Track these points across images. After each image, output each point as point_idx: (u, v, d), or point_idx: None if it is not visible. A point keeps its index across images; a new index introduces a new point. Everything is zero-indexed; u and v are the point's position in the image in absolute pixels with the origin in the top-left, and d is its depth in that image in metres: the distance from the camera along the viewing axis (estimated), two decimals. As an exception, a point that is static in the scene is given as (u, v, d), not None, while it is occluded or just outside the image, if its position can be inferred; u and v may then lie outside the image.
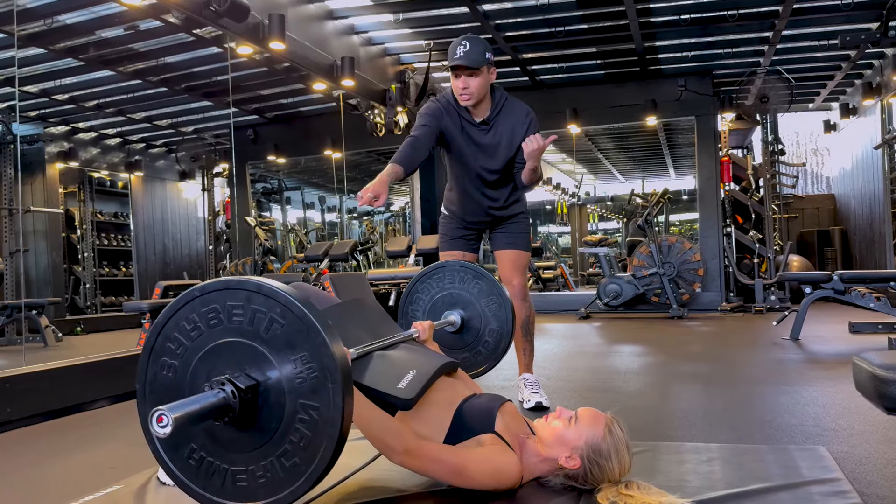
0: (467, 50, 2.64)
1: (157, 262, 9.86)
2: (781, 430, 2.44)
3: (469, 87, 2.69)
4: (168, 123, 8.89)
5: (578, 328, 6.62)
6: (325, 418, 1.29)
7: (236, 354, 1.35)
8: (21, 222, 7.63)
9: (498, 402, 1.83)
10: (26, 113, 7.89)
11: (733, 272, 7.94)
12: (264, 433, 1.32)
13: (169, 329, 1.40)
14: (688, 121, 8.53)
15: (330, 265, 7.12)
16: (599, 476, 1.69)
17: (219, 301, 1.36)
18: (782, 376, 3.60)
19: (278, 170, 11.00)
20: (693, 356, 4.59)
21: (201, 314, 1.37)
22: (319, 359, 1.30)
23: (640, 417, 2.72)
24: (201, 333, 1.38)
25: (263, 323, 1.34)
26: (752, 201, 8.27)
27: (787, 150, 10.08)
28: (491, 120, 2.82)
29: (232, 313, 1.36)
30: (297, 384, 1.31)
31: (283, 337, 1.33)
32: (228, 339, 1.36)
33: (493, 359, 2.62)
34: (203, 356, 1.37)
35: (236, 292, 1.36)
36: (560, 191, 13.20)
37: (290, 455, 1.31)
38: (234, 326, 1.36)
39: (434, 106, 2.84)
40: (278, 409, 1.32)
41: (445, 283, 2.64)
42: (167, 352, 1.40)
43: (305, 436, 1.30)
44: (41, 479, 2.26)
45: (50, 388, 3.09)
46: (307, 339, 1.31)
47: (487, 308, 2.60)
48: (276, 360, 1.33)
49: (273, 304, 1.33)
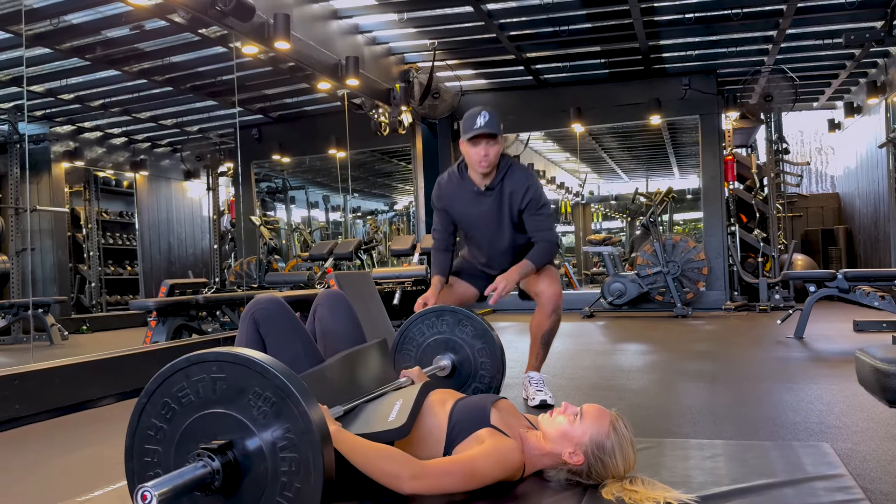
0: (488, 120, 2.79)
1: (162, 260, 9.89)
2: (785, 427, 2.45)
3: (489, 154, 2.82)
4: (173, 123, 8.92)
5: (583, 327, 6.63)
6: (300, 431, 1.31)
7: (202, 428, 1.37)
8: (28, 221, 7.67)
9: (491, 398, 1.85)
10: (32, 112, 7.92)
11: (737, 271, 7.94)
12: (259, 481, 1.34)
13: (138, 445, 1.42)
14: (692, 120, 8.53)
15: (334, 264, 7.13)
16: (603, 472, 1.71)
17: (166, 394, 1.40)
18: (786, 374, 3.61)
19: (283, 169, 11.02)
20: (697, 354, 4.59)
21: (157, 414, 1.41)
22: (269, 385, 1.33)
23: (645, 414, 2.73)
24: (165, 431, 1.40)
25: (208, 387, 1.37)
26: (756, 200, 8.26)
27: (792, 149, 10.09)
28: (496, 185, 2.93)
29: (180, 396, 1.39)
30: (262, 420, 1.34)
31: (230, 388, 1.36)
32: (189, 420, 1.38)
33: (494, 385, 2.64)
34: (177, 447, 1.39)
35: (174, 377, 1.39)
36: (564, 190, 13.20)
37: (290, 485, 1.32)
38: (187, 407, 1.39)
39: (437, 191, 3.07)
40: (258, 453, 1.34)
41: (418, 338, 2.66)
42: (147, 466, 1.42)
43: (293, 459, 1.32)
44: (49, 474, 2.29)
45: (58, 386, 3.12)
46: (249, 375, 1.34)
47: (465, 335, 2.62)
48: (235, 412, 1.35)
49: (207, 366, 1.37)
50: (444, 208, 3.06)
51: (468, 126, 2.83)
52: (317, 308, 2.21)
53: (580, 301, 7.96)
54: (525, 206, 2.91)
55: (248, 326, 1.97)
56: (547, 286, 2.94)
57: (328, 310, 2.20)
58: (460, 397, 1.89)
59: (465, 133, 2.84)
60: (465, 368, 2.63)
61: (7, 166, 7.64)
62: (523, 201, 2.90)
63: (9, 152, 7.72)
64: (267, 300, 2.01)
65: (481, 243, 3.07)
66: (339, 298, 2.25)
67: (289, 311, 2.01)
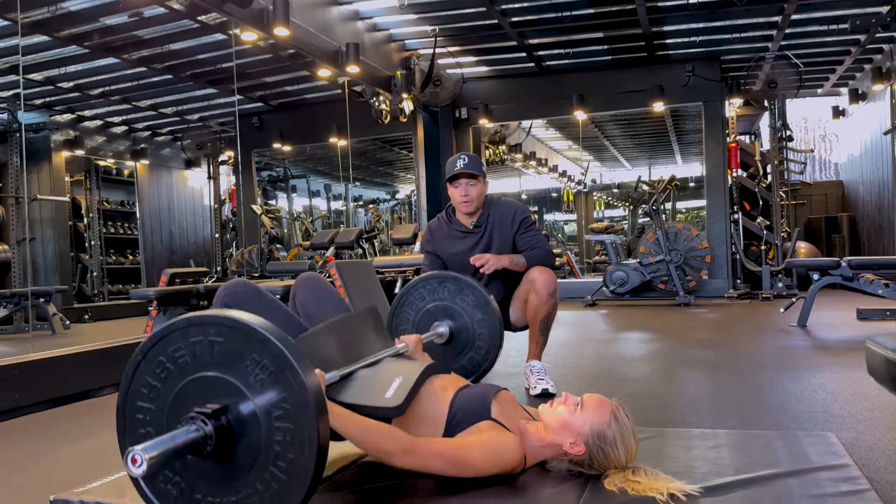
0: (467, 162, 2.96)
1: (163, 250, 9.88)
2: (790, 417, 2.43)
3: (469, 194, 2.98)
4: (173, 111, 8.88)
5: (585, 315, 6.61)
6: (297, 403, 1.29)
7: (196, 391, 1.35)
8: (27, 211, 7.65)
9: (492, 389, 1.82)
10: (31, 101, 7.88)
11: (740, 259, 7.91)
12: (251, 448, 1.32)
13: (130, 403, 1.41)
14: (695, 107, 8.47)
15: (336, 253, 7.11)
16: (604, 462, 1.69)
17: (161, 353, 1.37)
18: (790, 363, 3.58)
19: (284, 158, 10.98)
20: (700, 343, 4.57)
21: (152, 373, 1.39)
22: (267, 353, 1.31)
23: (647, 404, 2.71)
24: (160, 391, 1.38)
25: (205, 350, 1.35)
26: (759, 188, 8.21)
27: (796, 136, 10.01)
28: (483, 222, 3.06)
29: (176, 357, 1.37)
30: (259, 388, 1.32)
31: (227, 353, 1.33)
32: (184, 382, 1.36)
33: (490, 356, 2.63)
34: (170, 409, 1.38)
35: (171, 336, 1.36)
36: (566, 178, 13.15)
37: (283, 455, 1.31)
38: (183, 368, 1.36)
39: (428, 236, 3.19)
40: (253, 420, 1.32)
41: (418, 302, 2.66)
42: (138, 423, 1.41)
43: (288, 429, 1.30)
44: (49, 464, 2.27)
45: (58, 375, 3.10)
46: (248, 342, 1.32)
47: (466, 304, 2.61)
48: (232, 377, 1.33)
49: (205, 328, 1.34)
50: (435, 251, 3.15)
51: (449, 169, 2.99)
52: (296, 293, 2.16)
53: (582, 290, 7.95)
54: (517, 228, 3.04)
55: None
56: (540, 272, 2.94)
57: (309, 293, 2.15)
58: (462, 385, 1.87)
59: (447, 175, 3.00)
60: (462, 337, 2.61)
61: (7, 155, 7.63)
62: (514, 224, 3.04)
63: (9, 141, 7.70)
64: (236, 283, 2.00)
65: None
66: (317, 280, 2.20)
67: (261, 292, 1.99)
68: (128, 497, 1.68)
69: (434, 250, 3.14)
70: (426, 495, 1.64)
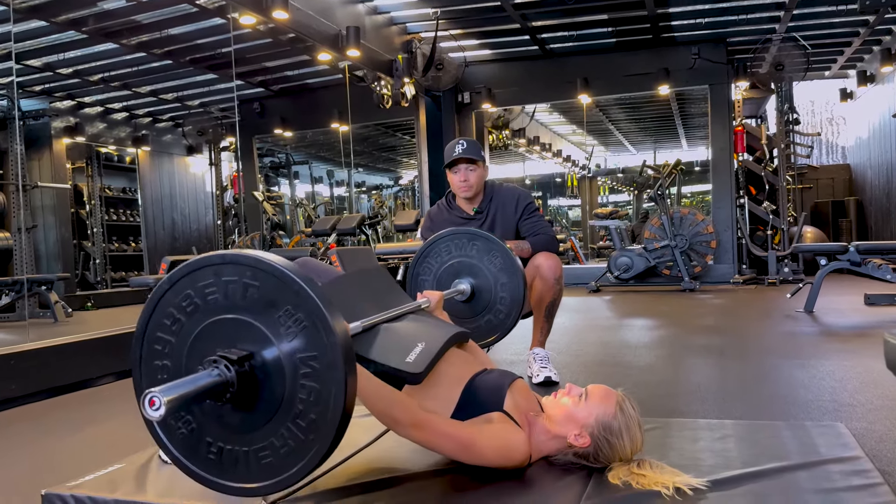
0: (466, 147, 2.93)
1: (165, 237, 9.85)
2: (797, 406, 2.39)
3: (469, 179, 2.94)
4: (174, 97, 8.80)
5: (589, 301, 6.56)
6: (326, 363, 1.24)
7: (223, 332, 1.30)
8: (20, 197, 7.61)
9: (508, 378, 1.78)
10: (31, 87, 7.82)
11: (746, 244, 7.83)
12: (272, 402, 1.27)
13: (151, 332, 1.35)
14: (701, 90, 8.37)
15: (338, 239, 7.06)
16: (610, 454, 1.64)
17: (190, 286, 1.31)
18: (797, 350, 3.53)
19: (286, 144, 10.92)
20: (705, 329, 4.52)
21: (177, 305, 1.32)
22: (303, 306, 1.25)
23: (652, 392, 2.67)
24: (183, 324, 1.32)
25: (239, 291, 1.28)
26: (765, 172, 8.13)
27: (802, 120, 9.90)
28: (484, 208, 3.03)
29: (206, 293, 1.30)
30: (289, 340, 1.26)
31: (261, 298, 1.27)
32: (211, 320, 1.30)
33: (513, 314, 2.53)
34: (192, 346, 1.32)
35: (203, 271, 1.30)
36: (570, 163, 13.06)
37: (304, 414, 1.26)
38: (212, 306, 1.30)
39: (427, 223, 3.13)
40: (278, 373, 1.26)
41: (444, 255, 2.59)
42: (156, 354, 1.36)
43: (313, 389, 1.25)
44: (43, 457, 2.24)
45: (55, 365, 3.07)
46: (284, 291, 1.25)
47: (493, 265, 2.52)
48: (262, 324, 1.27)
49: (241, 269, 1.28)
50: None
51: (448, 154, 2.96)
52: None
53: (586, 275, 7.90)
54: (521, 214, 2.99)
55: None
56: (546, 258, 2.89)
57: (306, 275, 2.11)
58: (481, 370, 1.82)
59: (446, 161, 2.96)
60: (482, 298, 2.53)
61: (8, 142, 7.58)
62: (517, 209, 3.00)
63: (9, 128, 7.65)
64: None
65: None
66: (313, 262, 2.17)
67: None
68: (120, 491, 1.65)
69: None
70: (426, 489, 1.59)
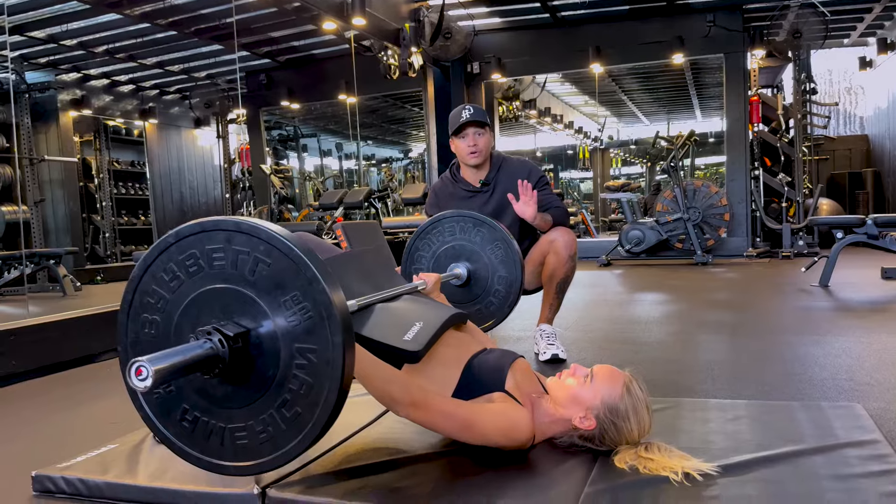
0: (473, 112, 2.83)
1: (174, 210, 9.83)
2: (812, 384, 2.31)
3: (478, 144, 2.83)
4: (180, 69, 8.71)
5: (599, 276, 6.48)
6: (324, 360, 1.18)
7: (222, 302, 1.23)
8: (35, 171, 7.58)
9: (509, 358, 1.72)
10: (35, 59, 7.75)
11: (760, 217, 7.70)
12: (260, 384, 1.22)
13: (146, 283, 1.29)
14: (716, 59, 8.17)
15: (345, 213, 7.00)
16: (616, 437, 1.58)
17: (197, 246, 1.24)
18: (812, 325, 3.44)
19: (293, 116, 10.82)
20: (718, 304, 4.44)
21: (179, 262, 1.25)
22: (312, 296, 1.18)
23: (662, 370, 2.60)
24: (181, 283, 1.26)
25: (248, 265, 1.21)
26: (781, 143, 7.95)
27: (820, 89, 9.66)
28: (491, 179, 2.92)
29: (212, 258, 1.23)
30: (290, 327, 1.20)
31: (270, 278, 1.20)
32: (212, 287, 1.24)
33: (505, 308, 2.52)
34: (186, 308, 1.26)
35: (214, 234, 1.22)
36: (582, 135, 12.87)
37: (290, 405, 1.20)
38: (216, 272, 1.23)
39: (433, 197, 3.04)
40: (273, 357, 1.21)
41: (446, 236, 2.55)
42: (147, 307, 1.29)
43: (305, 382, 1.19)
44: (38, 435, 2.21)
45: (56, 340, 3.04)
46: (296, 276, 1.19)
47: (494, 256, 2.49)
48: (265, 304, 1.21)
49: (256, 242, 1.20)
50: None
51: (454, 121, 2.86)
52: None
53: (597, 249, 7.80)
54: (533, 186, 2.84)
55: None
56: (561, 233, 2.82)
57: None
58: (480, 350, 1.76)
59: (452, 128, 2.86)
60: (477, 286, 2.51)
61: (16, 116, 7.53)
62: (530, 179, 2.84)
63: (18, 102, 7.60)
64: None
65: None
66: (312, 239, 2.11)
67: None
68: (111, 473, 1.60)
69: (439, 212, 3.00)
70: (424, 472, 1.54)
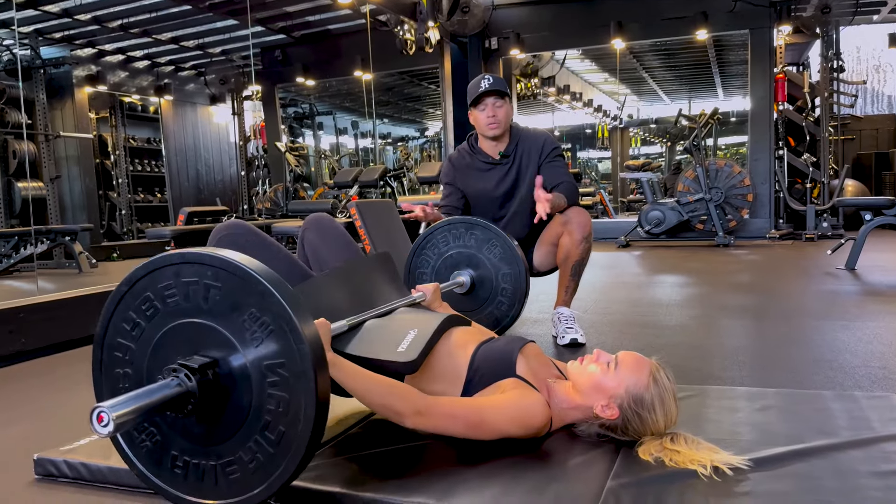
0: (492, 81, 2.73)
1: (190, 188, 9.81)
2: (844, 372, 2.21)
3: (497, 114, 2.73)
4: (195, 45, 8.63)
5: (618, 257, 6.37)
6: (296, 373, 1.13)
7: (184, 337, 1.20)
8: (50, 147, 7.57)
9: (518, 343, 1.64)
10: (50, 34, 7.71)
11: (784, 198, 7.52)
12: (239, 412, 1.18)
13: (110, 336, 1.26)
14: (741, 35, 7.95)
15: (360, 192, 6.91)
16: (640, 428, 1.50)
17: (149, 288, 1.22)
18: (840, 310, 3.33)
19: (309, 94, 10.72)
20: (741, 287, 4.32)
21: (136, 308, 1.23)
22: (268, 309, 1.14)
23: (685, 355, 2.51)
24: (143, 330, 1.23)
25: (200, 293, 1.18)
26: (807, 122, 7.75)
27: (847, 67, 9.40)
28: (511, 152, 2.82)
29: (165, 296, 1.21)
30: (255, 347, 1.16)
31: (224, 301, 1.17)
32: (172, 325, 1.21)
33: (516, 305, 2.48)
34: (153, 353, 1.23)
35: (162, 271, 1.20)
36: (601, 113, 12.66)
37: (272, 427, 1.15)
38: (172, 309, 1.21)
39: (448, 168, 2.92)
40: (244, 381, 1.16)
41: (441, 247, 2.51)
42: (117, 361, 1.27)
43: (282, 399, 1.15)
44: (47, 414, 2.18)
45: (66, 318, 3.00)
46: (248, 292, 1.15)
47: (493, 255, 2.45)
48: (225, 329, 1.17)
49: (202, 269, 1.17)
50: (457, 185, 2.89)
51: (473, 91, 2.76)
52: (305, 234, 2.01)
53: (616, 230, 7.68)
54: (545, 157, 2.78)
55: None
56: (576, 213, 2.71)
57: (317, 234, 1.99)
58: (484, 339, 1.68)
59: (470, 98, 2.76)
60: (483, 290, 2.46)
61: (32, 92, 7.50)
62: (543, 152, 2.79)
63: (33, 78, 7.57)
64: (229, 225, 1.81)
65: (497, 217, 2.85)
66: (326, 221, 2.04)
67: (259, 233, 1.81)
68: (115, 458, 1.54)
69: (457, 185, 2.89)
70: (439, 461, 1.47)
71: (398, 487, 1.34)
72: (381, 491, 1.33)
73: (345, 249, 1.97)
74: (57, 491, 1.54)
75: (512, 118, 2.83)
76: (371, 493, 1.33)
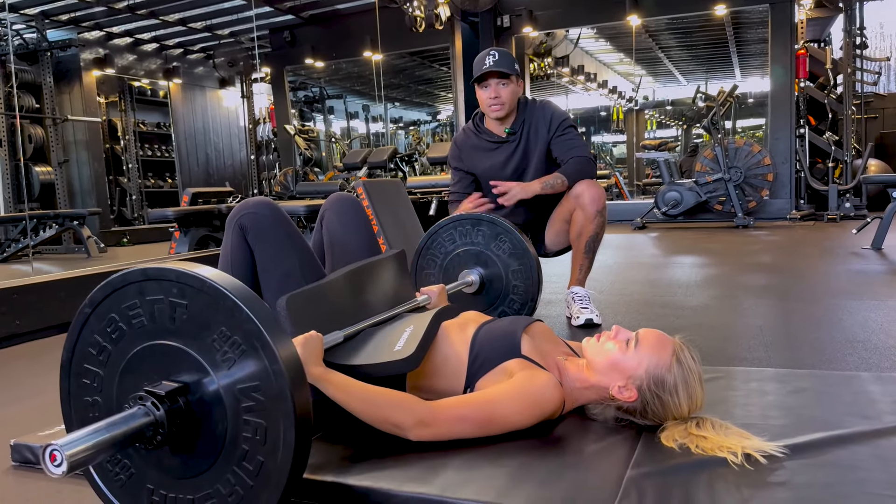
0: (497, 59, 2.56)
1: (200, 172, 9.73)
2: (879, 352, 2.07)
3: (500, 95, 2.58)
4: (203, 26, 8.52)
5: (634, 238, 6.21)
6: (271, 395, 1.02)
7: (152, 361, 1.09)
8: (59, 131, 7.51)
9: (522, 322, 1.51)
10: (57, 17, 7.62)
11: (805, 177, 7.31)
12: (213, 442, 1.06)
13: (77, 363, 1.15)
14: (760, 11, 7.71)
15: (369, 173, 6.80)
16: (661, 412, 1.37)
17: (113, 308, 1.10)
18: (869, 289, 3.17)
19: (319, 77, 10.60)
20: (763, 267, 4.16)
21: (101, 331, 1.12)
22: (239, 327, 1.02)
23: (707, 336, 2.37)
24: (109, 354, 1.12)
25: (166, 313, 1.07)
26: (829, 100, 7.51)
27: (871, 44, 9.12)
28: (517, 129, 2.66)
29: (130, 316, 1.10)
30: (227, 369, 1.04)
31: (191, 320, 1.05)
32: (138, 348, 1.10)
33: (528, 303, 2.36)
34: (121, 379, 1.11)
35: (125, 290, 1.09)
36: (616, 95, 12.43)
37: (250, 457, 1.04)
38: (137, 331, 1.10)
39: (455, 151, 2.80)
40: (218, 408, 1.05)
41: (448, 245, 2.38)
42: (85, 390, 1.15)
43: (258, 426, 1.03)
44: (30, 400, 2.08)
45: (63, 300, 2.91)
46: (217, 310, 1.03)
47: (502, 251, 2.33)
48: (194, 351, 1.06)
49: (167, 285, 1.06)
50: (465, 168, 2.76)
51: (477, 67, 2.59)
52: (324, 214, 1.90)
53: (631, 212, 7.51)
54: (553, 131, 2.62)
55: (234, 234, 1.64)
56: (587, 186, 2.56)
57: (336, 215, 1.88)
58: (485, 321, 1.56)
59: (475, 75, 2.60)
60: (494, 288, 2.34)
61: (38, 75, 7.44)
62: (551, 126, 2.63)
63: (40, 61, 7.50)
64: (256, 203, 1.67)
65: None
66: (349, 202, 1.92)
67: (284, 218, 1.68)
68: (94, 443, 1.44)
69: (465, 167, 2.77)
70: (441, 448, 1.35)
71: (396, 478, 1.22)
72: (378, 481, 1.21)
73: (364, 235, 1.88)
74: (33, 479, 1.44)
75: (519, 95, 2.66)
76: (367, 484, 1.21)
